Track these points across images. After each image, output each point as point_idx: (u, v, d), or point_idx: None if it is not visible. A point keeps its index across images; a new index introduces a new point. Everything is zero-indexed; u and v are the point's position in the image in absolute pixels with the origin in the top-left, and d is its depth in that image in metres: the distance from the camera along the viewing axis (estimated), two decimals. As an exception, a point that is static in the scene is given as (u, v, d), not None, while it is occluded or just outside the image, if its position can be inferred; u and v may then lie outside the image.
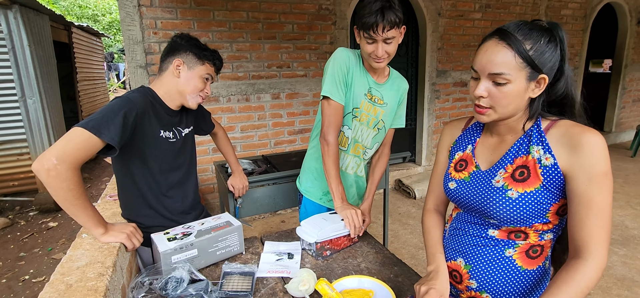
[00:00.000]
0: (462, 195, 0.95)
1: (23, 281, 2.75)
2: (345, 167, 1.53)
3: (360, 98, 1.42)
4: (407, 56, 4.41)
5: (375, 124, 1.49)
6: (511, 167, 0.86)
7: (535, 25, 0.80)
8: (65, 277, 0.96)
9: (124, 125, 1.12)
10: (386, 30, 1.25)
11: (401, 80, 1.55)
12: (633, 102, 6.20)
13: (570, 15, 5.09)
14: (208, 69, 1.35)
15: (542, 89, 0.82)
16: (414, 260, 2.81)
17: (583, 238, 0.78)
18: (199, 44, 1.35)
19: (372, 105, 1.46)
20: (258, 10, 3.37)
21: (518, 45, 0.78)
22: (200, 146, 3.40)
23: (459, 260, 0.98)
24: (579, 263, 0.77)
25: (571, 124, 0.82)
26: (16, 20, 3.75)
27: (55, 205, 4.02)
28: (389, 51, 1.32)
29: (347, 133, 1.48)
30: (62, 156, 1.00)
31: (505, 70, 0.79)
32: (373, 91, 1.45)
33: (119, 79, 14.45)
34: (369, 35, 1.28)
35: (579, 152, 0.77)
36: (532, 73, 0.79)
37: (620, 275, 2.53)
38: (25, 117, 4.02)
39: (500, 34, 0.80)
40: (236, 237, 1.28)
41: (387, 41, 1.29)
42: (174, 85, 1.32)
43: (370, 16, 1.24)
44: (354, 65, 1.40)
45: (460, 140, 1.04)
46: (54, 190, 1.01)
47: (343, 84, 1.38)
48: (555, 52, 0.80)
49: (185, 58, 1.31)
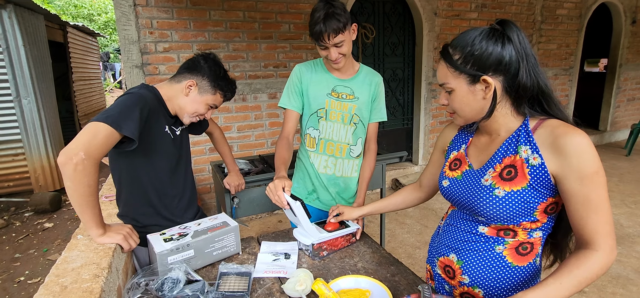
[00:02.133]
0: (454, 193, 0.98)
1: (18, 282, 2.73)
2: (318, 166, 1.57)
3: (323, 98, 1.51)
4: (403, 56, 4.42)
5: (350, 119, 1.53)
6: (500, 166, 0.88)
7: (477, 32, 0.84)
8: (60, 279, 0.95)
9: (141, 119, 1.15)
10: (332, 37, 1.33)
11: (373, 75, 1.58)
12: (628, 102, 6.25)
13: (566, 15, 5.12)
14: (217, 100, 1.38)
15: (491, 88, 0.83)
16: (410, 259, 2.81)
17: (589, 234, 0.79)
18: (219, 72, 1.36)
19: (339, 102, 1.51)
20: (254, 10, 3.36)
21: (447, 57, 0.87)
22: (196, 146, 3.39)
23: (452, 256, 0.99)
24: (589, 252, 0.78)
25: (557, 124, 0.82)
26: (11, 19, 3.72)
27: (51, 206, 4.00)
28: (343, 52, 1.39)
29: (312, 134, 1.55)
30: (89, 150, 1.01)
31: (445, 80, 0.89)
32: (338, 88, 1.51)
33: (115, 79, 14.39)
34: (318, 43, 1.38)
35: (565, 155, 0.78)
36: (469, 77, 0.84)
37: (615, 274, 2.55)
38: (20, 117, 3.99)
39: (441, 49, 0.91)
40: (233, 238, 1.28)
41: (337, 45, 1.36)
42: (179, 99, 1.34)
43: (316, 26, 1.32)
44: (309, 72, 1.52)
45: (455, 140, 1.06)
46: (75, 184, 1.01)
47: (296, 94, 1.52)
48: (497, 49, 0.81)
49: (200, 81, 1.33)
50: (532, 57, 0.83)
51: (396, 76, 4.41)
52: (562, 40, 5.21)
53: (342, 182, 1.60)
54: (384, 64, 4.31)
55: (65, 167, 0.99)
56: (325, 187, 1.59)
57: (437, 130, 4.64)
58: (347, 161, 1.58)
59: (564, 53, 5.30)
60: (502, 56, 0.81)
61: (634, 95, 6.27)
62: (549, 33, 5.06)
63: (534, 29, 4.92)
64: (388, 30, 4.25)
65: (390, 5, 4.18)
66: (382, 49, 4.27)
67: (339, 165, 1.57)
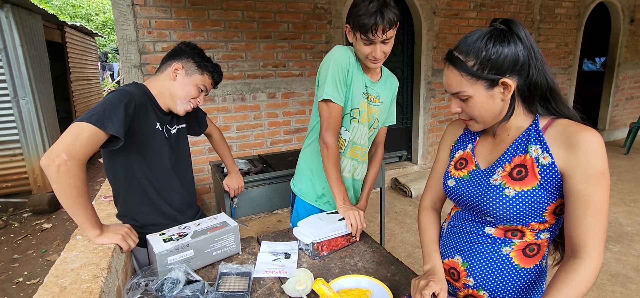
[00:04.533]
0: (461, 193, 0.96)
1: (17, 283, 2.72)
2: (342, 170, 1.49)
3: (359, 98, 1.39)
4: (402, 55, 4.42)
5: (371, 124, 1.48)
6: (509, 166, 0.87)
7: (481, 34, 0.82)
8: (59, 279, 0.95)
9: (126, 115, 1.13)
10: (386, 31, 1.22)
11: (392, 78, 1.54)
12: (626, 100, 6.27)
13: (564, 14, 5.13)
14: (205, 80, 1.37)
15: (511, 90, 0.82)
16: (410, 258, 2.81)
17: (579, 237, 0.78)
18: (203, 54, 1.37)
19: (369, 105, 1.44)
20: (253, 10, 3.36)
21: (461, 65, 0.83)
22: (195, 146, 3.38)
23: (457, 258, 0.98)
24: (576, 263, 0.77)
25: (569, 123, 0.82)
26: (8, 19, 3.71)
27: (49, 206, 3.99)
28: (386, 51, 1.29)
29: (344, 135, 1.44)
30: (71, 152, 1.00)
31: (460, 88, 0.85)
32: (369, 90, 1.43)
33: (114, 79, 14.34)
34: (366, 37, 1.24)
35: (576, 151, 0.78)
36: (488, 82, 0.82)
37: (614, 272, 2.56)
38: (18, 117, 3.97)
39: (448, 57, 0.86)
40: (232, 238, 1.27)
41: (385, 41, 1.26)
42: (168, 87, 1.33)
43: (369, 17, 1.19)
44: (353, 64, 1.36)
45: (461, 139, 1.04)
46: (61, 187, 1.01)
47: (343, 85, 1.33)
48: (511, 49, 0.80)
49: (186, 63, 1.33)
50: (539, 54, 0.83)
51: (395, 75, 4.40)
52: (561, 39, 5.22)
53: (357, 185, 1.57)
54: (383, 63, 4.30)
55: (48, 170, 0.99)
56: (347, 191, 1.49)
57: (437, 129, 4.64)
58: (363, 165, 1.54)
59: (562, 52, 5.30)
60: (517, 56, 0.81)
61: (632, 94, 6.29)
62: (547, 32, 5.07)
63: (532, 28, 4.93)
64: (387, 29, 4.25)
65: (389, 4, 4.18)
66: (381, 48, 4.26)
67: (359, 169, 1.52)
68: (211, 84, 1.40)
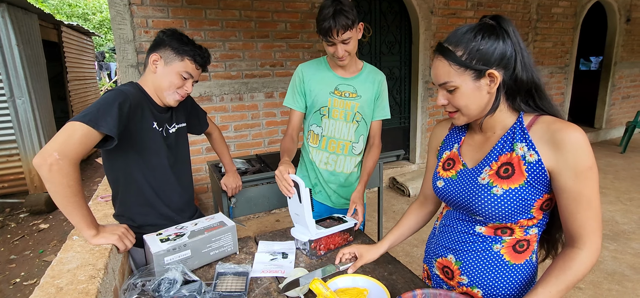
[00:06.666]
0: (450, 193, 0.97)
1: (14, 284, 2.71)
2: (319, 162, 1.62)
3: (325, 97, 1.54)
4: (400, 54, 4.42)
5: (353, 117, 1.56)
6: (496, 164, 0.88)
7: (470, 28, 0.85)
8: (56, 280, 0.94)
9: (120, 115, 1.12)
10: (341, 34, 1.37)
11: (376, 73, 1.61)
12: (622, 99, 6.30)
13: (561, 13, 5.15)
14: (187, 66, 1.30)
15: (497, 82, 0.84)
16: (408, 257, 2.82)
17: (576, 230, 0.81)
18: (182, 38, 1.30)
19: (342, 100, 1.54)
20: (251, 9, 3.35)
21: (450, 55, 0.84)
22: (193, 146, 3.37)
23: (450, 257, 0.99)
24: (574, 252, 0.81)
25: (552, 120, 0.84)
26: (4, 19, 3.69)
27: (46, 207, 3.97)
28: (349, 49, 1.43)
29: (316, 131, 1.60)
30: (64, 151, 0.99)
31: (447, 79, 0.86)
32: (341, 87, 1.54)
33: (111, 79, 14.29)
34: (326, 39, 1.41)
35: (562, 149, 0.79)
36: (475, 73, 0.83)
37: (611, 270, 2.57)
38: (14, 117, 3.95)
39: (438, 48, 0.88)
40: (230, 237, 1.27)
41: (344, 42, 1.40)
42: (152, 81, 1.31)
43: (324, 22, 1.36)
44: (312, 71, 1.56)
45: (447, 139, 1.06)
46: (54, 186, 1.00)
47: (299, 94, 1.57)
48: (499, 43, 0.82)
49: (164, 53, 1.29)
50: (525, 51, 0.85)
51: (393, 75, 4.41)
52: (558, 39, 5.24)
53: (342, 178, 1.63)
54: (381, 63, 4.30)
55: (40, 169, 0.98)
56: (326, 182, 1.63)
57: (434, 129, 4.64)
58: (349, 158, 1.62)
59: (559, 51, 5.32)
60: (505, 50, 0.82)
61: (628, 92, 6.32)
62: (544, 31, 5.08)
63: (529, 27, 4.94)
64: (384, 28, 4.25)
65: (386, 3, 4.18)
66: (378, 47, 4.27)
67: (340, 161, 1.61)
68: (195, 68, 1.32)
